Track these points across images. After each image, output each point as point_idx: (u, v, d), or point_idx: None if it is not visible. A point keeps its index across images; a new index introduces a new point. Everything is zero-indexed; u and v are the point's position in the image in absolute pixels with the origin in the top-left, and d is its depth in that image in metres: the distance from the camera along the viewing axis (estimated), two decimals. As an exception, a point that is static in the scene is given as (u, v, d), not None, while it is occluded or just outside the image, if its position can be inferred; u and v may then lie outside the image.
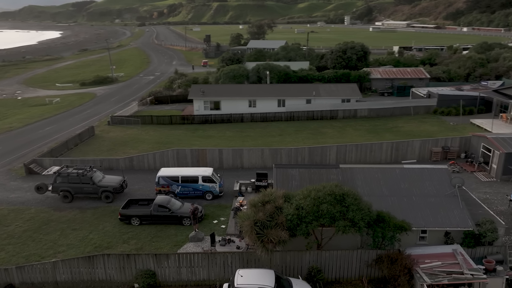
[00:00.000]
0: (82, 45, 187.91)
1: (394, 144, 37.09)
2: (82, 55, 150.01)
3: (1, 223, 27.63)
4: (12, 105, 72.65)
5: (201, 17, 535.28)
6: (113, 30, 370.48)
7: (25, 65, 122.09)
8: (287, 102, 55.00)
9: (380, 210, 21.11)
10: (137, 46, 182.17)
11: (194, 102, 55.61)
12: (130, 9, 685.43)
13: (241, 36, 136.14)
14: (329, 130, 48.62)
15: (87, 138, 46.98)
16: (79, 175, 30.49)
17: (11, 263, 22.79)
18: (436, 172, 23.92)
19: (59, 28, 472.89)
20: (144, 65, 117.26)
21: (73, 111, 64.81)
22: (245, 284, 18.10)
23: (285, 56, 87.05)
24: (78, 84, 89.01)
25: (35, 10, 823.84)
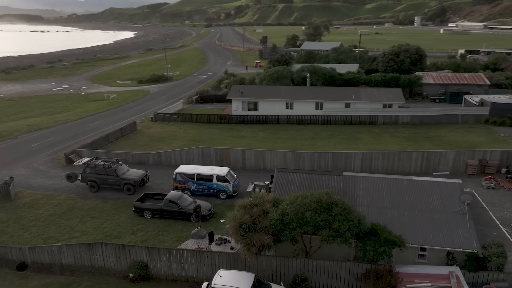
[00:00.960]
0: (149, 45, 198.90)
1: (425, 154, 34.83)
2: (146, 54, 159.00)
3: (33, 207, 30.43)
4: (76, 100, 79.11)
5: (266, 18, 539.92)
6: (181, 31, 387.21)
7: (95, 63, 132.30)
8: (325, 105, 53.87)
9: (376, 223, 20.13)
10: (199, 46, 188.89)
11: (232, 102, 56.58)
12: (200, 10, 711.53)
13: (297, 38, 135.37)
14: (365, 136, 46.85)
15: (129, 133, 49.82)
16: (105, 167, 32.58)
17: (31, 244, 25.06)
18: (447, 187, 22.17)
19: (134, 28, 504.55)
20: (200, 65, 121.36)
21: (125, 106, 69.00)
22: (221, 285, 18.27)
23: (335, 58, 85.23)
24: (136, 81, 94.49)
25: (115, 12, 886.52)
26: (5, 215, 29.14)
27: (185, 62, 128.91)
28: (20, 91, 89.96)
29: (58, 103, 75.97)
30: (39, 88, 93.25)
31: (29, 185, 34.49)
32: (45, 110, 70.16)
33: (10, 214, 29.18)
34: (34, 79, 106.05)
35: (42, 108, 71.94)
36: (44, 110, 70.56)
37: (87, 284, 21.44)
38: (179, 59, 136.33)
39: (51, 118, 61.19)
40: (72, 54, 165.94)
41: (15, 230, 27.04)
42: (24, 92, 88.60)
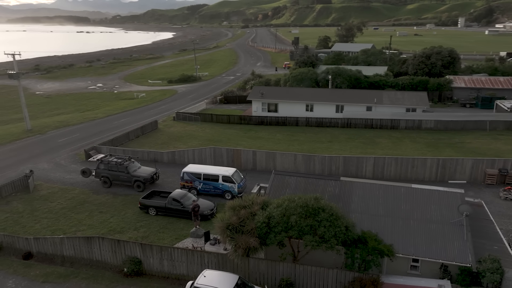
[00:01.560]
0: (184, 46, 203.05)
1: (441, 161, 33.40)
2: (180, 54, 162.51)
3: (48, 199, 31.96)
4: (107, 98, 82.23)
5: (304, 19, 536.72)
6: (218, 32, 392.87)
7: (130, 63, 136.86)
8: (346, 108, 52.89)
9: (367, 231, 19.61)
10: (232, 47, 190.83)
11: (252, 103, 56.77)
12: (237, 12, 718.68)
13: (329, 39, 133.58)
14: (384, 141, 45.58)
15: (150, 131, 51.19)
16: (117, 164, 33.68)
17: (40, 234, 26.38)
18: (447, 196, 21.19)
19: (173, 29, 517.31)
20: (230, 66, 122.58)
21: (152, 105, 70.92)
22: (203, 285, 18.44)
23: (364, 60, 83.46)
24: (166, 81, 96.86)
25: (156, 14, 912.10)
26: (21, 206, 30.82)
27: (216, 63, 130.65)
28: (58, 89, 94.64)
29: (90, 101, 79.26)
30: (75, 86, 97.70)
31: (48, 178, 36.26)
32: (77, 108, 73.42)
33: (26, 206, 30.83)
34: (72, 77, 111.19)
35: (75, 106, 75.32)
36: (77, 107, 73.85)
37: (83, 276, 22.28)
38: (211, 60, 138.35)
39: (80, 115, 63.96)
40: (111, 54, 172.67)
41: (28, 221, 28.54)
42: (61, 90, 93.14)
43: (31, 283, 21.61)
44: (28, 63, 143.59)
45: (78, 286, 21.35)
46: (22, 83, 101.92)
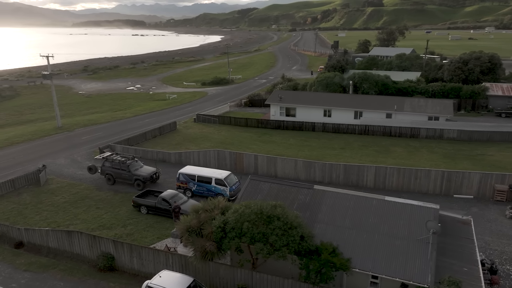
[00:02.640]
0: (229, 49, 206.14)
1: (446, 173, 31.45)
2: (220, 57, 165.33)
3: (54, 193, 33.96)
4: (141, 98, 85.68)
5: (353, 23, 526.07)
6: (264, 35, 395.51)
7: (171, 65, 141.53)
8: (365, 114, 51.28)
9: (327, 242, 18.99)
10: (273, 50, 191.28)
11: (271, 107, 56.66)
12: (287, 15, 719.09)
13: (369, 43, 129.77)
14: (399, 150, 43.68)
15: (168, 132, 52.71)
16: (120, 162, 35.09)
17: (36, 226, 28.12)
18: (420, 211, 19.97)
19: (222, 33, 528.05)
20: (265, 69, 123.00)
21: (180, 107, 72.94)
22: (156, 285, 18.79)
23: (398, 65, 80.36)
24: (200, 83, 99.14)
25: (208, 17, 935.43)
26: (29, 198, 33.01)
27: (252, 66, 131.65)
28: (99, 89, 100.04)
29: (125, 101, 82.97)
30: (116, 86, 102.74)
31: (61, 173, 38.52)
32: (112, 107, 77.17)
33: (33, 198, 32.97)
34: (115, 78, 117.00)
35: (111, 105, 79.19)
36: (112, 107, 77.63)
37: (62, 268, 23.46)
38: (248, 63, 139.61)
39: (110, 115, 67.17)
40: (157, 56, 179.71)
41: (30, 212, 30.52)
42: (102, 90, 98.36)
43: (14, 271, 23.13)
44: (79, 64, 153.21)
45: (54, 277, 22.54)
46: (68, 83, 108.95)
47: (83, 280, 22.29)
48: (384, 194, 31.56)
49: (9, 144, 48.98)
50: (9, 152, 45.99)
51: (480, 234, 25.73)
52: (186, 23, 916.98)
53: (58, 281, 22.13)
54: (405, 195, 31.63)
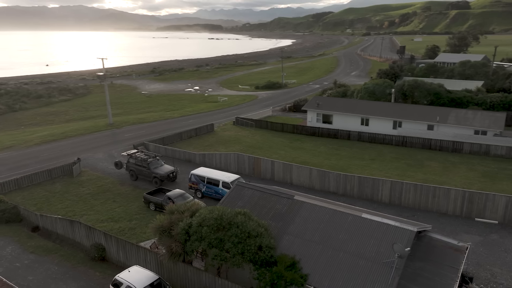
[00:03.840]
0: (293, 53, 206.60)
1: (467, 194, 28.58)
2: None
3: (82, 185, 36.93)
4: (195, 100, 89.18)
5: (434, 27, 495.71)
6: (336, 39, 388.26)
7: (232, 68, 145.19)
8: (404, 125, 48.30)
9: (287, 255, 18.49)
10: (337, 55, 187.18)
11: (308, 113, 55.77)
12: (363, 19, 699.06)
13: (437, 48, 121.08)
14: (434, 165, 40.52)
15: (204, 133, 54.39)
16: (142, 160, 37.10)
17: (57, 213, 30.86)
18: (395, 232, 18.51)
19: (294, 37, 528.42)
20: (323, 74, 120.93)
21: (227, 109, 74.68)
22: (121, 278, 19.73)
23: (460, 73, 74.40)
24: (254, 87, 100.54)
25: (282, 21, 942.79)
26: (60, 187, 36.28)
27: (311, 71, 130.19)
28: (161, 89, 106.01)
29: (180, 102, 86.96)
30: (176, 88, 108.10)
31: (95, 167, 41.72)
32: (166, 107, 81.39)
33: (63, 187, 36.18)
34: (178, 80, 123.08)
35: (166, 105, 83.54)
36: (166, 107, 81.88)
37: (62, 253, 25.54)
38: (308, 67, 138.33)
39: (161, 114, 70.89)
40: (220, 59, 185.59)
41: (56, 200, 33.55)
42: (162, 90, 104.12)
43: (22, 252, 25.68)
44: (150, 66, 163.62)
45: (52, 261, 24.62)
46: (135, 83, 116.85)
47: (75, 266, 24.05)
48: (400, 211, 29.97)
49: (63, 138, 54.14)
50: (61, 144, 50.84)
51: (490, 264, 23.15)
52: (261, 27, 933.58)
53: (54, 265, 24.13)
54: (421, 214, 29.60)
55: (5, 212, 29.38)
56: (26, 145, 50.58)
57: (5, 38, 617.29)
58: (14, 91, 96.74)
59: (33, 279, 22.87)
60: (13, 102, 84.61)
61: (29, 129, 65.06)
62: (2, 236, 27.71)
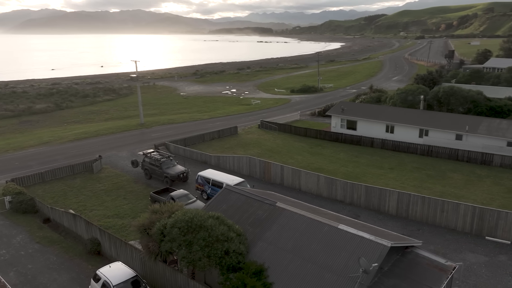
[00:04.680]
0: (339, 57, 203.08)
1: (477, 210, 26.61)
2: (324, 65, 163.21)
3: (99, 181, 38.78)
4: (229, 102, 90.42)
5: (497, 29, 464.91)
6: (386, 43, 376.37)
7: (272, 71, 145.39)
8: (431, 133, 45.85)
9: (254, 262, 18.33)
10: (383, 59, 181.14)
11: (332, 118, 54.59)
12: (418, 21, 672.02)
13: (489, 53, 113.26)
14: (457, 177, 38.13)
15: (227, 135, 55.00)
16: (155, 160, 38.28)
17: (70, 207, 32.70)
18: (368, 246, 17.66)
19: (344, 40, 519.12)
20: (363, 78, 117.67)
21: (257, 112, 75.01)
22: (100, 273, 20.56)
23: (508, 80, 69.44)
24: (289, 90, 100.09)
25: (333, 24, 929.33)
26: (79, 182, 38.34)
27: (352, 75, 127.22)
28: (198, 91, 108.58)
29: (214, 104, 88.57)
30: (213, 90, 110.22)
31: (115, 164, 43.62)
32: (200, 109, 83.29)
33: (82, 183, 38.21)
34: (217, 82, 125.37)
35: (200, 107, 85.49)
36: (200, 108, 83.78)
37: (63, 245, 27.01)
38: (349, 71, 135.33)
39: (191, 116, 72.67)
40: (262, 62, 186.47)
41: (72, 194, 35.51)
42: (200, 92, 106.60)
43: (30, 241, 27.46)
44: (195, 68, 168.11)
45: (52, 252, 26.12)
46: (176, 85, 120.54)
47: (72, 258, 25.35)
48: (406, 224, 28.67)
49: (95, 135, 57.16)
50: (91, 142, 53.72)
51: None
52: (311, 30, 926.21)
53: (53, 256, 25.59)
54: (427, 229, 28.08)
55: (23, 203, 31.58)
56: (61, 141, 54.00)
57: (71, 41, 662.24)
58: (64, 91, 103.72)
59: (32, 267, 24.40)
60: (61, 101, 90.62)
61: (70, 126, 69.33)
62: (17, 225, 29.83)
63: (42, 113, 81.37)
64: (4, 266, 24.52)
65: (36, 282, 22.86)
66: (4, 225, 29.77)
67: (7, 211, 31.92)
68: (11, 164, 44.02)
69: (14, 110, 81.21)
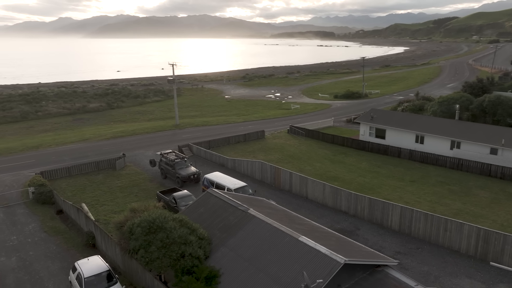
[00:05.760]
0: (395, 62, 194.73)
1: (482, 231, 24.23)
2: (378, 70, 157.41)
3: (118, 178, 40.84)
4: (269, 106, 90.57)
5: None
6: (454, 47, 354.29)
7: (321, 76, 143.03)
8: (463, 146, 42.45)
9: (214, 268, 18.36)
10: (444, 65, 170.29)
11: (360, 126, 52.59)
12: (494, 24, 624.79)
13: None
14: (484, 195, 34.98)
15: (253, 139, 55.21)
16: (170, 160, 39.55)
17: (84, 201, 34.88)
18: (321, 260, 16.86)
19: (409, 44, 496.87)
20: (415, 85, 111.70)
21: (293, 117, 74.39)
22: (77, 265, 21.76)
23: None
24: (333, 96, 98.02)
25: (399, 28, 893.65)
26: (100, 178, 40.69)
27: (403, 81, 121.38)
28: (243, 94, 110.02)
29: (254, 108, 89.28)
30: (258, 93, 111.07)
31: (138, 163, 45.67)
32: (239, 111, 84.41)
33: (102, 179, 40.51)
34: (264, 86, 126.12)
35: (239, 110, 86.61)
36: (239, 111, 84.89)
37: (66, 236, 28.89)
38: (402, 77, 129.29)
39: (225, 119, 73.85)
40: (313, 67, 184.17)
41: (90, 189, 37.78)
42: (244, 96, 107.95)
43: (39, 230, 29.72)
44: (246, 71, 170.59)
45: (54, 242, 28.03)
46: (223, 88, 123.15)
47: (69, 249, 27.05)
48: (406, 241, 27.22)
49: (131, 134, 60.29)
50: (125, 140, 56.75)
51: (474, 318, 19.45)
52: (374, 34, 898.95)
53: (53, 246, 27.48)
54: (428, 248, 26.21)
55: (42, 194, 34.27)
56: (98, 139, 57.68)
57: (141, 45, 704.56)
58: (119, 91, 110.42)
59: (32, 254, 26.42)
60: (113, 101, 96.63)
61: (115, 125, 73.71)
62: (33, 214, 32.44)
63: (95, 111, 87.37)
64: (10, 251, 26.80)
65: (31, 268, 24.71)
66: (23, 214, 32.52)
67: (30, 201, 34.80)
68: (48, 158, 47.88)
69: (71, 108, 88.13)
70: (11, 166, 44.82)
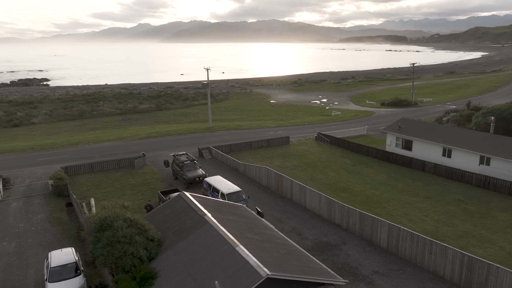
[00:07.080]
0: (463, 68, 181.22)
1: (466, 258, 21.81)
2: (440, 77, 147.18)
3: (133, 176, 42.82)
4: (311, 112, 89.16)
5: None
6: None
7: (375, 82, 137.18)
8: (493, 162, 38.45)
9: (153, 269, 18.77)
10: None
11: (387, 136, 49.85)
12: None
13: None
14: (504, 218, 31.52)
15: (277, 145, 54.85)
16: (180, 162, 40.77)
17: (95, 196, 37.23)
18: (246, 272, 16.39)
19: (489, 49, 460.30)
20: (476, 93, 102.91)
21: (330, 123, 72.56)
22: (50, 254, 23.30)
23: None
24: (380, 103, 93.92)
25: (479, 31, 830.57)
26: (118, 175, 43.06)
27: (464, 89, 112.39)
28: (289, 99, 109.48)
29: (295, 113, 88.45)
30: (304, 99, 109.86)
31: (157, 163, 47.54)
32: (278, 116, 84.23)
33: (120, 176, 42.81)
34: (312, 91, 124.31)
35: (280, 115, 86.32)
36: (278, 116, 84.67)
37: (65, 227, 30.96)
38: (463, 85, 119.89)
39: (260, 123, 74.10)
40: (370, 72, 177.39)
41: (104, 185, 40.13)
42: (290, 101, 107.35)
43: (44, 220, 32.28)
44: (297, 77, 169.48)
45: (53, 232, 30.24)
46: (270, 92, 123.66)
47: (62, 240, 29.03)
48: (389, 261, 25.69)
49: (163, 135, 63.00)
50: (155, 140, 59.42)
51: None
52: (451, 38, 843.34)
53: (51, 235, 29.70)
54: (411, 271, 24.38)
55: (58, 187, 37.21)
56: (132, 138, 61.06)
57: (211, 49, 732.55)
58: (171, 93, 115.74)
59: (30, 241, 28.80)
60: (163, 103, 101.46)
61: (157, 125, 77.36)
62: (46, 205, 35.31)
63: (143, 112, 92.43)
64: (13, 237, 29.46)
65: (23, 255, 26.95)
66: (38, 204, 35.56)
67: (48, 192, 37.96)
68: (81, 154, 51.73)
69: (123, 108, 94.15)
70: (47, 160, 49.16)
